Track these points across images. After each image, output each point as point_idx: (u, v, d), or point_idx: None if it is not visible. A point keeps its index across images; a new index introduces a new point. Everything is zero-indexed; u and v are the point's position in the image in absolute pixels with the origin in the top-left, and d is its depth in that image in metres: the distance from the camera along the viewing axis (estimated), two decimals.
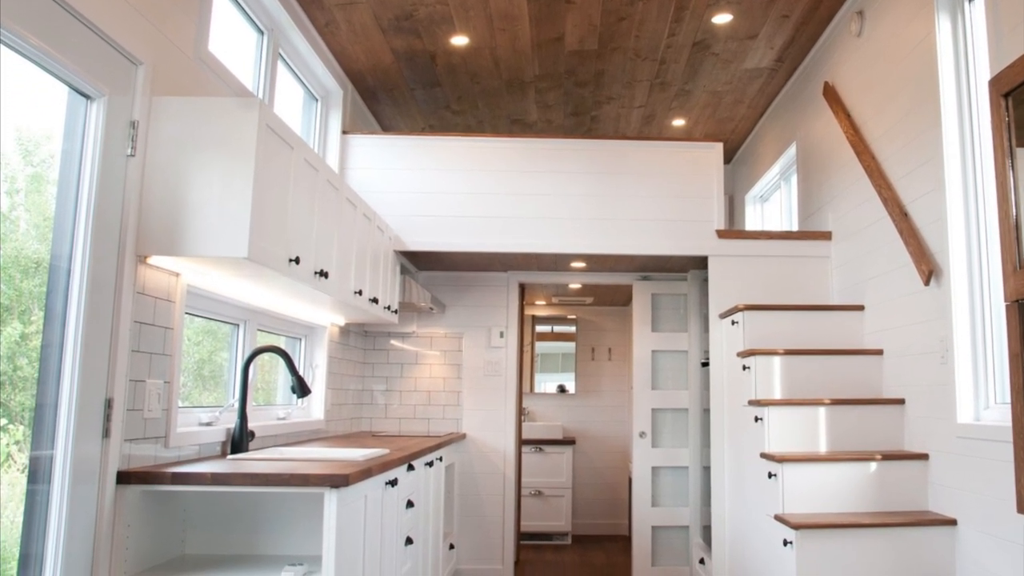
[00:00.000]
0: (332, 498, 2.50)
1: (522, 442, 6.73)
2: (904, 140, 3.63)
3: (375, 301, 4.14)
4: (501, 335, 5.46)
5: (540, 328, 7.69)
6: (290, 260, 2.91)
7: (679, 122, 6.03)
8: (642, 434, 5.38)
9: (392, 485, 3.23)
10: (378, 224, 4.30)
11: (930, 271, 3.32)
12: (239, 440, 3.18)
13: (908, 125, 3.60)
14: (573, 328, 7.64)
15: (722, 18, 4.41)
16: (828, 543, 3.14)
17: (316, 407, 4.44)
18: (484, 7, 4.32)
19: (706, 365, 5.12)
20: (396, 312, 4.70)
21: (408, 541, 3.58)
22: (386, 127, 6.12)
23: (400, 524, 3.45)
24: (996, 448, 2.84)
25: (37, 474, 2.15)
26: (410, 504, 3.62)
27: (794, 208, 5.43)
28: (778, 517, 3.31)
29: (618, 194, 4.78)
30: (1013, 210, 2.51)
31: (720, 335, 4.57)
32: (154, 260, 2.61)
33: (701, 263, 4.98)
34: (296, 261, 2.94)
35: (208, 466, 2.65)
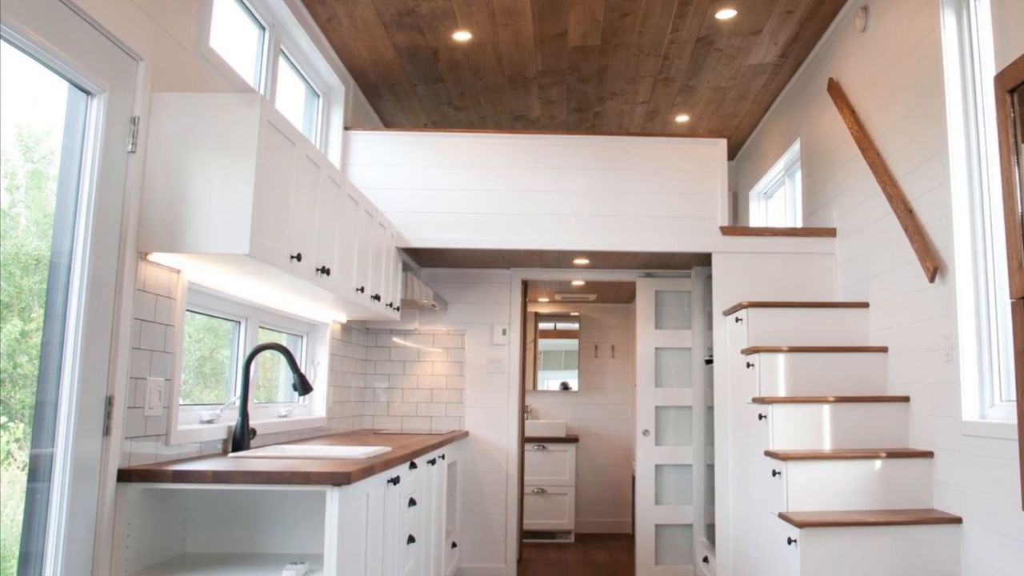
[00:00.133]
0: (334, 496, 2.49)
1: (525, 440, 6.72)
2: (909, 136, 3.61)
3: (377, 298, 4.12)
4: (504, 332, 5.44)
5: (543, 325, 7.68)
6: (292, 257, 2.90)
7: (683, 118, 6.01)
8: (646, 432, 5.37)
9: (394, 483, 3.22)
10: (380, 221, 4.28)
11: (935, 268, 3.30)
12: (240, 438, 3.17)
13: (913, 121, 3.58)
14: (576, 325, 7.63)
15: (726, 13, 4.38)
16: (832, 541, 3.13)
17: (318, 405, 4.43)
18: (487, 2, 4.30)
19: (710, 362, 5.11)
20: (398, 309, 4.69)
21: (410, 539, 3.57)
22: (388, 123, 6.11)
23: (402, 522, 3.44)
24: (1001, 446, 2.83)
25: (37, 472, 2.14)
26: (412, 502, 3.61)
27: (798, 205, 5.41)
28: (782, 515, 3.29)
29: (621, 190, 4.76)
30: (1018, 207, 2.49)
31: (724, 332, 4.55)
32: (155, 257, 2.60)
33: (705, 260, 4.97)
34: (298, 258, 2.93)
35: (209, 464, 2.64)
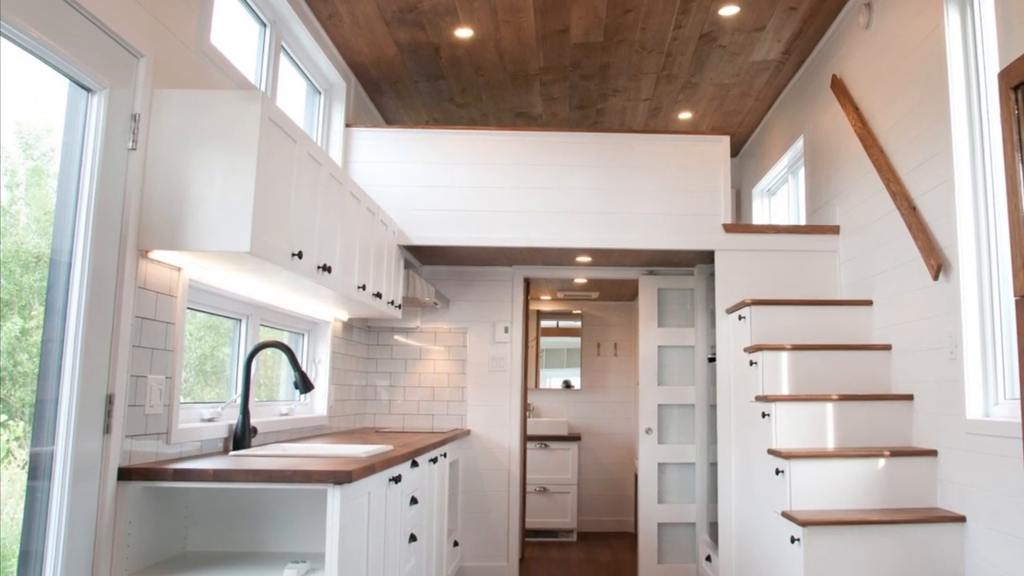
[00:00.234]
0: (335, 495, 2.48)
1: (527, 438, 6.71)
2: (913, 133, 3.59)
3: (379, 296, 4.11)
4: (506, 330, 5.43)
5: (545, 323, 7.67)
6: (293, 254, 2.89)
7: (686, 115, 5.99)
8: (648, 430, 5.36)
9: (396, 482, 3.21)
10: (381, 218, 4.27)
11: (939, 266, 3.28)
12: (241, 436, 3.16)
13: (917, 118, 3.56)
14: (578, 323, 7.61)
15: (729, 10, 4.36)
16: (836, 540, 3.12)
17: (319, 403, 4.42)
18: None
19: (713, 360, 5.10)
20: (400, 307, 4.68)
21: (412, 538, 3.56)
22: (390, 120, 6.10)
23: (404, 521, 3.44)
24: (1006, 444, 2.82)
25: (37, 470, 2.14)
26: (414, 501, 3.60)
27: (802, 202, 5.39)
28: (785, 514, 3.28)
29: (624, 188, 4.75)
30: (1023, 204, 2.47)
31: (727, 330, 4.53)
32: (155, 254, 2.59)
33: (708, 257, 4.95)
34: (299, 255, 2.92)
35: (210, 462, 2.64)
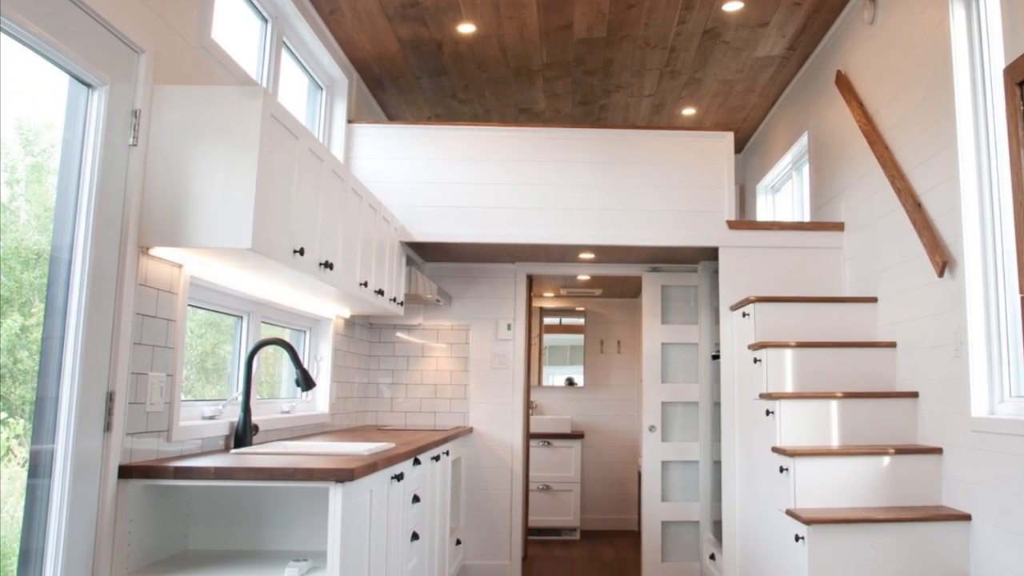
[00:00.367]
0: (337, 493, 2.47)
1: (530, 436, 6.70)
2: (918, 130, 3.57)
3: (381, 293, 4.10)
4: (508, 327, 5.42)
5: (548, 320, 7.65)
6: (294, 251, 2.87)
7: (689, 111, 5.97)
8: (652, 428, 5.34)
9: (398, 480, 3.20)
10: (384, 215, 4.26)
11: (944, 262, 3.26)
12: (243, 434, 3.15)
13: (921, 114, 3.54)
14: (582, 320, 7.60)
15: (732, 6, 4.34)
16: (840, 538, 3.11)
17: (321, 400, 4.41)
18: None
19: (717, 358, 5.08)
20: (402, 304, 4.67)
21: (414, 536, 3.55)
22: (392, 116, 6.08)
23: (406, 519, 3.42)
24: (1011, 442, 2.80)
25: (38, 468, 2.13)
26: (416, 499, 3.59)
27: (806, 198, 5.37)
28: (790, 512, 3.27)
29: (627, 184, 4.73)
30: None
31: (731, 327, 4.52)
32: (156, 251, 2.58)
33: (711, 254, 4.93)
34: (300, 252, 2.90)
35: (211, 460, 2.63)
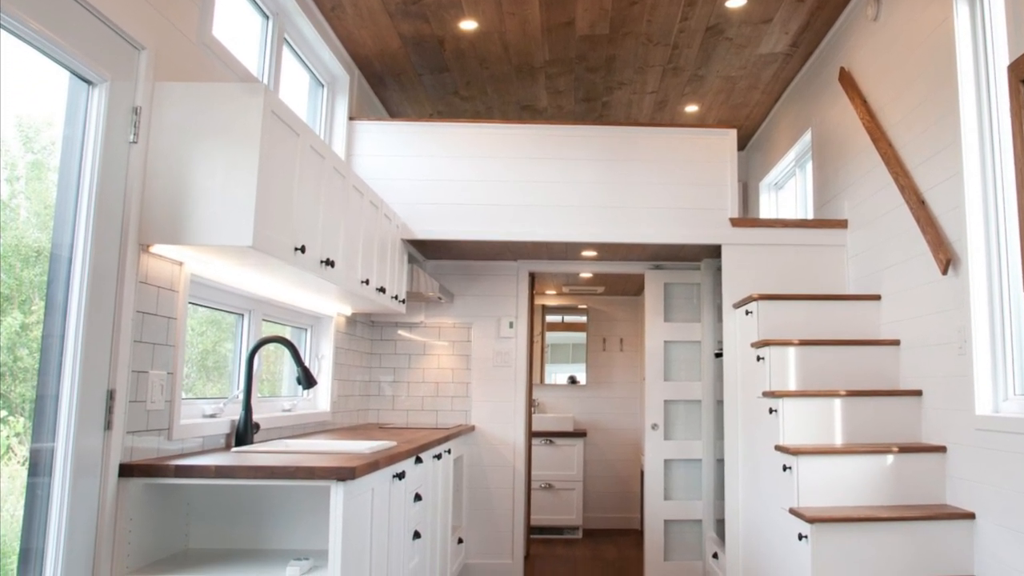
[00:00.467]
0: (338, 491, 2.46)
1: (532, 434, 6.70)
2: (921, 127, 3.55)
3: (382, 290, 4.09)
4: (511, 325, 5.41)
5: (550, 318, 7.64)
6: (295, 249, 2.86)
7: (692, 108, 5.95)
8: (654, 426, 5.33)
9: (399, 478, 3.19)
10: (385, 212, 4.25)
11: (948, 260, 3.25)
12: (243, 432, 3.14)
13: (925, 111, 3.52)
14: (584, 318, 7.58)
15: (736, 2, 4.32)
16: (844, 537, 3.09)
17: (322, 399, 4.41)
18: None
19: (720, 356, 5.06)
20: (404, 302, 4.66)
21: (416, 535, 3.54)
22: (393, 113, 6.07)
23: (408, 518, 3.42)
24: (1015, 440, 2.79)
25: (38, 467, 2.12)
26: (418, 497, 3.58)
27: (809, 196, 5.35)
28: (793, 511, 3.25)
29: (630, 181, 4.72)
30: None
31: (734, 325, 4.50)
32: (157, 249, 2.57)
33: (714, 252, 4.92)
34: (302, 250, 2.90)
35: (212, 459, 2.62)
